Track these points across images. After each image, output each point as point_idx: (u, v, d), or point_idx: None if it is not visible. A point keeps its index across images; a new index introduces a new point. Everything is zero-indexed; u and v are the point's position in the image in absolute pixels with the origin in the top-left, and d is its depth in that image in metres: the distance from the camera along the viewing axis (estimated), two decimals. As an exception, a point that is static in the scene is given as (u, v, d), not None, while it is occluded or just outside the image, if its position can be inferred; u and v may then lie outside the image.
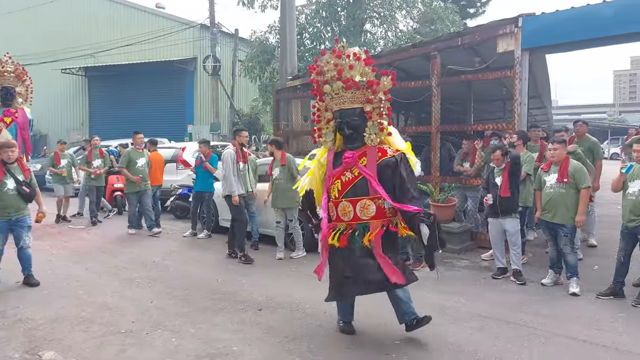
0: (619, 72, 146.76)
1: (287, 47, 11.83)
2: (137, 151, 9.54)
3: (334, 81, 4.37)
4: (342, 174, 4.41)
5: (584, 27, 6.75)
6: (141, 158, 9.47)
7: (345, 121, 4.40)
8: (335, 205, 4.44)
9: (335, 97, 4.44)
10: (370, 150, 4.39)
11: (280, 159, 7.60)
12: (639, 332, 4.61)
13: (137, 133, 9.72)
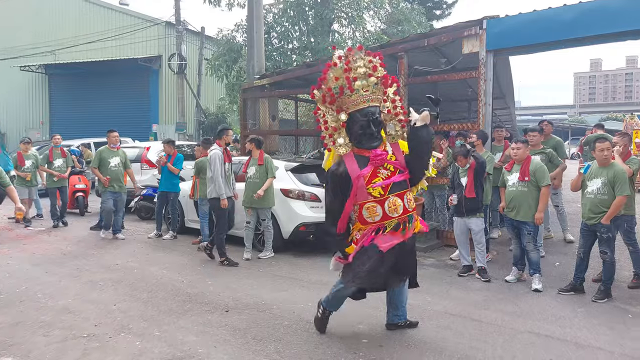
0: (579, 74, 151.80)
1: (254, 46, 11.75)
2: (111, 150, 9.07)
3: (366, 77, 4.30)
4: (377, 172, 4.26)
5: (546, 30, 6.92)
6: (114, 157, 9.00)
7: (374, 119, 4.31)
8: (380, 204, 4.25)
9: (364, 95, 4.32)
10: (394, 146, 4.42)
11: (258, 157, 7.52)
12: (597, 327, 4.75)
13: (111, 131, 9.21)
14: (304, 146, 14.10)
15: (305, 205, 7.56)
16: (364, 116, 4.27)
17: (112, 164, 8.92)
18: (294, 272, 6.76)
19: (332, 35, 17.62)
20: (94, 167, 8.95)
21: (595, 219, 5.48)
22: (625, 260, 6.38)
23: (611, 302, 5.44)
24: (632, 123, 15.12)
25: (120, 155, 9.11)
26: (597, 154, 5.55)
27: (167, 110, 23.75)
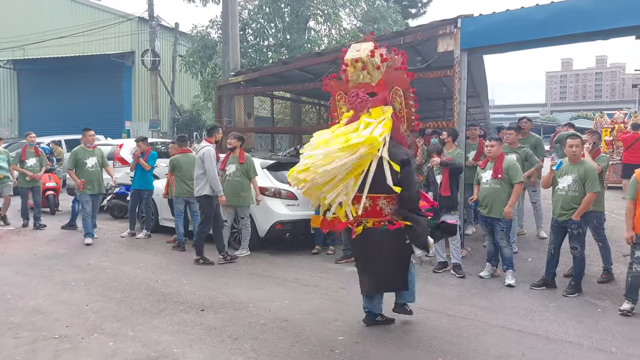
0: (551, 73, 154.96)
1: (229, 42, 11.65)
2: (87, 150, 8.54)
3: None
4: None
5: (519, 29, 7.01)
6: (91, 158, 8.48)
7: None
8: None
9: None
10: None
11: (238, 156, 7.46)
12: (568, 321, 4.86)
13: (87, 130, 8.66)
14: (280, 144, 14.09)
15: (281, 203, 7.53)
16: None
17: (89, 164, 8.44)
18: (271, 270, 6.74)
19: (308, 32, 17.60)
20: (70, 169, 8.42)
21: (566, 216, 5.59)
22: (595, 256, 6.54)
23: (581, 296, 5.56)
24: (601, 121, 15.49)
25: (97, 155, 8.66)
26: (567, 150, 5.68)
27: (140, 107, 23.40)
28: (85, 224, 8.34)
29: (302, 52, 14.67)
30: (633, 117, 14.91)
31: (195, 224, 7.99)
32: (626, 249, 7.30)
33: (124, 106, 22.94)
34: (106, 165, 8.94)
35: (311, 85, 10.21)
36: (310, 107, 15.59)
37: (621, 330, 4.61)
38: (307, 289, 5.87)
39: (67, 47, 21.96)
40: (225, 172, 7.43)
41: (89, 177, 8.39)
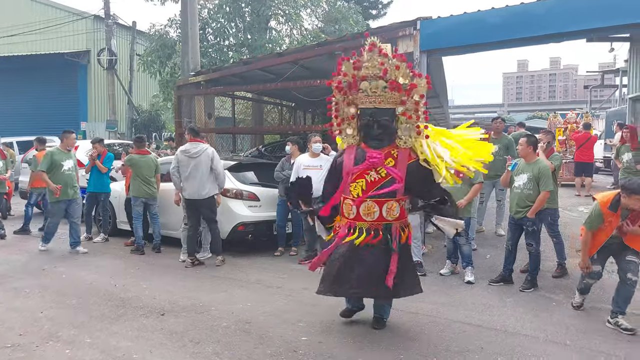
0: (508, 74, 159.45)
1: (189, 42, 11.48)
2: (63, 152, 7.84)
3: (375, 79, 4.23)
4: (365, 173, 4.29)
5: (475, 32, 7.19)
6: (68, 160, 7.78)
7: (376, 120, 4.28)
8: (356, 204, 4.30)
9: (370, 95, 4.28)
10: (402, 152, 4.34)
11: None
12: (524, 315, 5.00)
13: (68, 132, 8.01)
14: (242, 144, 13.98)
15: (243, 204, 7.46)
16: (367, 116, 4.32)
17: (66, 167, 7.69)
18: (233, 272, 6.67)
19: (269, 32, 17.52)
20: (42, 171, 7.58)
21: (522, 213, 5.76)
22: (550, 252, 6.76)
23: (537, 291, 5.74)
24: (555, 121, 15.99)
25: (73, 158, 8.00)
26: (519, 149, 5.87)
27: (96, 107, 22.79)
28: (49, 231, 7.79)
29: (264, 52, 14.60)
30: (584, 117, 15.47)
31: (155, 226, 7.84)
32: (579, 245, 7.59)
33: (80, 106, 22.29)
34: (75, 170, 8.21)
35: (273, 85, 10.17)
36: (272, 107, 15.53)
37: (575, 323, 4.78)
38: (270, 291, 5.84)
39: (19, 45, 21.19)
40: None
41: (65, 180, 7.63)
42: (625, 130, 9.16)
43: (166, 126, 22.36)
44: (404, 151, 4.34)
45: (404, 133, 4.36)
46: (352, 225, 4.35)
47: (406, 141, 4.37)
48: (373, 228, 4.30)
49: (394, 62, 4.22)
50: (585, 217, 4.97)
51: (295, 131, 11.40)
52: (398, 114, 4.35)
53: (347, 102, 4.42)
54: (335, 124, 4.52)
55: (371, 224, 4.30)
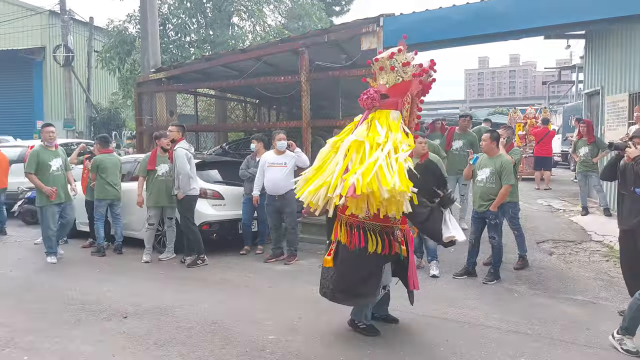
0: (469, 71, 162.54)
1: (148, 38, 11.21)
2: (49, 150, 7.11)
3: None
4: None
5: (437, 29, 7.27)
6: (55, 159, 7.05)
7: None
8: None
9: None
10: None
11: (168, 155, 7.20)
12: (487, 306, 5.10)
13: (45, 125, 7.29)
14: (205, 142, 13.77)
15: (207, 203, 7.34)
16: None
17: (54, 167, 6.99)
18: (197, 272, 6.56)
19: (232, 28, 17.30)
20: (30, 173, 6.88)
21: (485, 206, 5.87)
22: (511, 244, 6.90)
23: (500, 283, 5.86)
24: (515, 117, 16.39)
25: (61, 156, 7.22)
26: (482, 144, 5.99)
27: (53, 105, 22.10)
28: (48, 241, 7.07)
29: (226, 48, 14.40)
30: (543, 113, 15.92)
31: (117, 227, 7.64)
32: (539, 237, 7.81)
33: (35, 105, 21.57)
34: (69, 169, 7.43)
35: (236, 82, 10.05)
36: (236, 104, 15.36)
37: (535, 313, 4.90)
38: (236, 290, 5.77)
39: (-31, 41, 20.34)
40: (155, 172, 7.16)
41: (54, 182, 6.97)
42: (582, 125, 9.46)
43: (126, 124, 21.86)
44: None
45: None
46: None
47: None
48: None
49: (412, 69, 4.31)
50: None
51: (260, 128, 11.30)
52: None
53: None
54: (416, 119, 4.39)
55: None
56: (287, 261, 6.90)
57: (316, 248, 7.43)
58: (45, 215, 6.98)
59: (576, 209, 9.65)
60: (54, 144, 7.21)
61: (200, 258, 6.85)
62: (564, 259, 6.90)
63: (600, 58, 10.18)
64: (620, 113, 8.86)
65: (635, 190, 4.62)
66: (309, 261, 6.96)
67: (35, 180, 6.89)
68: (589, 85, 11.17)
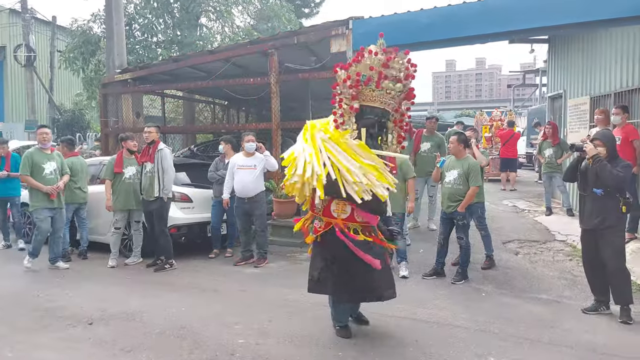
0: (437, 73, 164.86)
1: (114, 37, 10.98)
2: (44, 153, 6.88)
3: (396, 82, 4.16)
4: None
5: (405, 32, 7.31)
6: (50, 162, 6.80)
7: (379, 122, 4.25)
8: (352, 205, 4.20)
9: (384, 95, 4.19)
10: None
11: (135, 157, 7.10)
12: (456, 306, 5.17)
13: (40, 127, 7.13)
14: (173, 144, 13.57)
15: (175, 206, 7.21)
16: (372, 114, 4.25)
17: (48, 170, 6.75)
18: (165, 276, 6.46)
19: (200, 29, 17.11)
20: (26, 175, 6.68)
21: (453, 207, 5.96)
22: (478, 245, 7.02)
23: (468, 283, 5.96)
24: (481, 119, 16.66)
25: (57, 160, 6.95)
26: (450, 146, 6.09)
27: (14, 106, 21.47)
28: (35, 245, 6.76)
29: (194, 49, 14.23)
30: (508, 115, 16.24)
31: (83, 231, 7.45)
32: (505, 237, 7.98)
33: (-5, 105, 20.90)
34: (66, 172, 7.07)
35: (204, 83, 9.93)
36: (204, 106, 15.18)
37: (502, 313, 5.00)
38: (205, 294, 5.70)
39: None
40: (123, 174, 7.01)
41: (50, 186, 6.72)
42: (547, 127, 9.72)
43: (91, 126, 21.37)
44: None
45: (392, 138, 4.39)
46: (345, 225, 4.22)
47: (388, 146, 4.38)
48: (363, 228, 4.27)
49: (413, 71, 4.26)
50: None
51: (229, 130, 11.19)
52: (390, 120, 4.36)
53: (354, 97, 4.27)
54: (339, 114, 4.29)
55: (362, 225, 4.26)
56: (257, 264, 6.85)
57: (286, 250, 7.41)
58: (38, 218, 6.73)
59: (540, 210, 9.89)
60: (49, 147, 6.97)
61: (169, 262, 6.73)
62: (529, 258, 7.05)
63: (563, 62, 10.48)
64: (582, 116, 9.12)
65: (595, 191, 4.78)
66: (279, 264, 6.93)
67: (32, 181, 6.65)
68: (552, 88, 11.47)
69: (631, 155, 6.47)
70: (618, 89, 7.73)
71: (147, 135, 6.88)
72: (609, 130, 5.59)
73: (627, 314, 4.70)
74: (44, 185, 6.63)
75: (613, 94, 7.87)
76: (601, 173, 4.65)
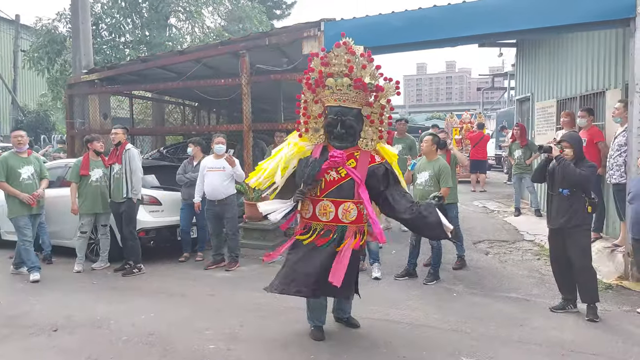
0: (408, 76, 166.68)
1: (80, 37, 10.71)
2: (19, 157, 6.57)
3: (341, 76, 4.09)
4: (325, 172, 4.14)
5: (377, 35, 7.34)
6: (27, 166, 6.53)
7: (341, 119, 4.14)
8: (313, 203, 4.16)
9: (336, 93, 4.14)
10: (362, 154, 4.23)
11: (102, 159, 6.93)
12: (428, 307, 5.19)
13: (14, 130, 6.72)
14: (141, 146, 13.35)
15: (143, 209, 7.06)
16: (331, 113, 4.19)
17: (24, 175, 6.47)
18: (133, 281, 6.31)
19: (170, 29, 16.86)
20: (1, 181, 6.39)
21: (424, 209, 5.98)
22: (449, 245, 7.07)
23: (439, 283, 6.00)
24: (452, 122, 16.87)
25: (34, 163, 6.65)
26: (423, 146, 6.13)
27: (-24, 107, 20.73)
28: (26, 255, 6.44)
29: (163, 50, 14.00)
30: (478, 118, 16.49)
31: (44, 235, 7.21)
32: (476, 237, 8.08)
33: (-45, 106, 20.19)
34: (45, 176, 6.78)
35: (174, 84, 9.78)
36: (174, 107, 14.97)
37: (473, 312, 5.04)
38: (174, 299, 5.58)
39: None
40: (89, 177, 6.82)
41: (26, 192, 6.43)
42: (516, 129, 9.90)
43: (56, 127, 20.83)
44: (366, 153, 4.28)
45: (367, 136, 4.32)
46: (308, 224, 4.23)
47: (367, 144, 4.32)
48: (326, 229, 4.17)
49: (361, 61, 4.17)
50: None
51: (199, 132, 11.05)
52: (364, 116, 4.30)
53: (315, 100, 4.29)
54: (303, 122, 4.34)
55: (326, 225, 4.17)
56: (228, 268, 6.76)
57: (258, 254, 7.32)
58: (18, 225, 6.44)
59: (510, 210, 10.06)
60: (26, 150, 6.65)
61: (137, 267, 6.59)
62: (499, 258, 7.16)
63: (530, 66, 10.69)
64: (549, 118, 9.32)
65: (562, 191, 4.87)
66: (251, 267, 6.86)
67: (8, 187, 6.35)
68: (520, 91, 11.69)
69: (596, 157, 6.64)
70: (583, 92, 7.92)
71: (113, 136, 6.73)
72: (575, 132, 5.71)
73: (594, 312, 4.80)
74: (21, 192, 6.36)
75: (579, 97, 8.06)
76: (565, 172, 4.75)
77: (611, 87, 7.09)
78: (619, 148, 6.11)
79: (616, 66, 6.95)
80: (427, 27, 6.96)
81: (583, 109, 7.10)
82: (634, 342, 4.32)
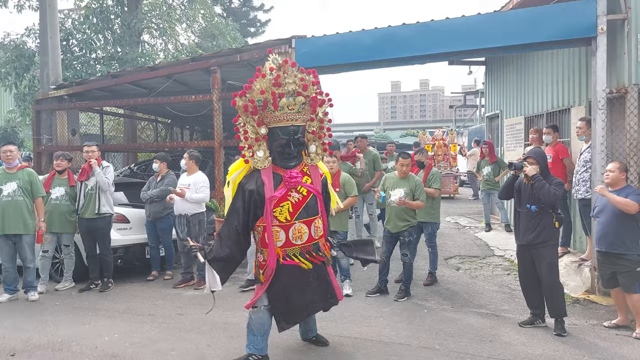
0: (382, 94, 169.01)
1: (49, 53, 10.53)
2: (6, 172, 6.19)
3: (295, 95, 4.02)
4: (287, 195, 4.03)
5: (348, 52, 7.40)
6: (9, 182, 6.10)
7: (293, 139, 4.07)
8: (285, 229, 4.02)
9: (288, 113, 4.04)
10: (312, 168, 4.25)
11: (68, 178, 6.76)
12: (399, 323, 5.16)
13: (5, 144, 6.35)
14: (113, 163, 13.08)
15: (112, 227, 6.90)
16: (285, 134, 4.08)
17: (5, 192, 6.08)
18: (99, 301, 6.12)
19: (142, 46, 16.73)
20: None
21: (400, 227, 5.99)
22: (421, 261, 7.11)
23: (410, 299, 5.98)
24: (424, 138, 17.08)
25: (22, 179, 6.18)
26: (397, 167, 6.12)
27: (-60, 123, 20.13)
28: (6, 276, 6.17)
29: (136, 66, 13.87)
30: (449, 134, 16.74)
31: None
32: (447, 253, 8.12)
33: None
34: (38, 194, 6.33)
35: (145, 100, 9.66)
36: (147, 123, 14.79)
37: (444, 328, 5.02)
38: (140, 319, 5.43)
39: None
40: (49, 195, 6.63)
41: (3, 209, 6.05)
42: (484, 146, 10.04)
43: (24, 144, 20.33)
44: (314, 167, 4.30)
45: (312, 149, 4.32)
46: (282, 254, 4.06)
47: (313, 158, 4.32)
48: (305, 251, 4.11)
49: (311, 78, 4.17)
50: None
51: (170, 148, 10.92)
52: (308, 132, 4.28)
53: (259, 123, 4.15)
54: (246, 146, 4.17)
55: (302, 247, 4.10)
56: (197, 286, 6.63)
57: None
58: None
59: (481, 226, 10.16)
60: (15, 166, 6.26)
61: (110, 281, 6.63)
62: (470, 273, 7.19)
63: (499, 84, 10.90)
64: (517, 135, 9.49)
65: (530, 207, 4.93)
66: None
67: None
68: (489, 108, 11.89)
69: (561, 172, 6.76)
70: (550, 109, 8.09)
71: (90, 154, 6.67)
72: (540, 149, 5.80)
73: (561, 327, 4.84)
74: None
75: (545, 114, 8.23)
76: (540, 191, 4.80)
77: (576, 104, 7.26)
78: (585, 164, 6.23)
79: (580, 84, 7.13)
80: (396, 45, 7.04)
81: (548, 126, 7.25)
82: (600, 356, 4.35)
